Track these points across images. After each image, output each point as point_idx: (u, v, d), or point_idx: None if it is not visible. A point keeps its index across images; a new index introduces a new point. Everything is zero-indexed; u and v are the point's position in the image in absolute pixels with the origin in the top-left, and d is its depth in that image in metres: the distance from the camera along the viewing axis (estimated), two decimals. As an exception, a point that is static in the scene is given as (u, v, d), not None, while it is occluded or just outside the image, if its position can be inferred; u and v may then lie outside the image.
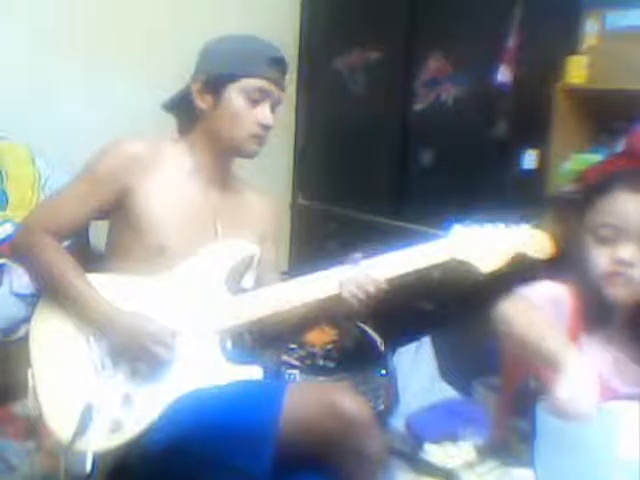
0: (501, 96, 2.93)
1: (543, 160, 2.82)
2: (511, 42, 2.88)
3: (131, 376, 1.71)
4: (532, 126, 2.83)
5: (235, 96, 1.81)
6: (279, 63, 1.85)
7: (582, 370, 1.41)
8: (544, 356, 1.47)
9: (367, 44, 3.49)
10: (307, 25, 3.76)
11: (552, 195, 2.74)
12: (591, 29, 2.72)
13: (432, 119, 3.27)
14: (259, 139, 1.84)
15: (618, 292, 1.62)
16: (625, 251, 1.59)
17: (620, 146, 2.69)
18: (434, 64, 3.23)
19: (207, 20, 3.27)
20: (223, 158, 1.88)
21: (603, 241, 1.61)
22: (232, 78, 1.80)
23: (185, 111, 1.89)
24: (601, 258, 1.61)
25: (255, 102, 1.81)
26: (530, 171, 2.87)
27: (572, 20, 2.76)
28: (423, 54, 3.27)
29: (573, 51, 2.74)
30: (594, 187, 1.64)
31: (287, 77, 1.90)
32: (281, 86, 1.86)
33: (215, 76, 1.81)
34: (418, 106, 3.32)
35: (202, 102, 1.83)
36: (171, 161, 1.84)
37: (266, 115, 1.82)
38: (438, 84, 3.23)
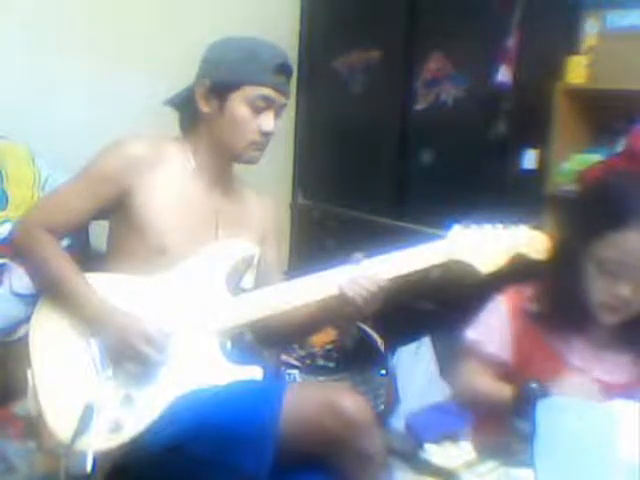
0: (501, 96, 2.93)
1: (543, 160, 2.82)
2: (511, 42, 2.88)
3: (131, 376, 1.71)
4: (532, 126, 2.83)
5: (238, 104, 1.79)
6: (284, 69, 1.82)
7: None
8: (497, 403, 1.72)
9: (367, 44, 3.49)
10: (307, 25, 3.76)
11: (552, 195, 2.74)
12: (591, 29, 2.72)
13: (432, 119, 3.27)
14: (260, 146, 1.84)
15: (610, 319, 1.66)
16: (626, 288, 1.61)
17: (620, 146, 2.69)
18: (434, 64, 3.23)
19: (207, 20, 3.28)
20: (224, 161, 1.88)
21: (605, 272, 1.62)
22: (236, 86, 1.79)
23: (188, 110, 1.88)
24: (600, 288, 1.64)
25: (259, 110, 1.80)
26: (530, 171, 2.87)
27: (572, 20, 2.76)
28: (423, 54, 3.27)
29: (573, 51, 2.74)
30: (606, 216, 1.62)
31: (291, 81, 1.88)
32: (286, 92, 1.84)
33: (219, 83, 1.80)
34: (418, 106, 3.32)
35: (205, 107, 1.82)
36: (172, 161, 1.84)
37: (269, 123, 1.81)
38: (438, 84, 3.23)
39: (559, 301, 1.70)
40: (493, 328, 1.79)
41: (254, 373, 1.76)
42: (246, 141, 1.81)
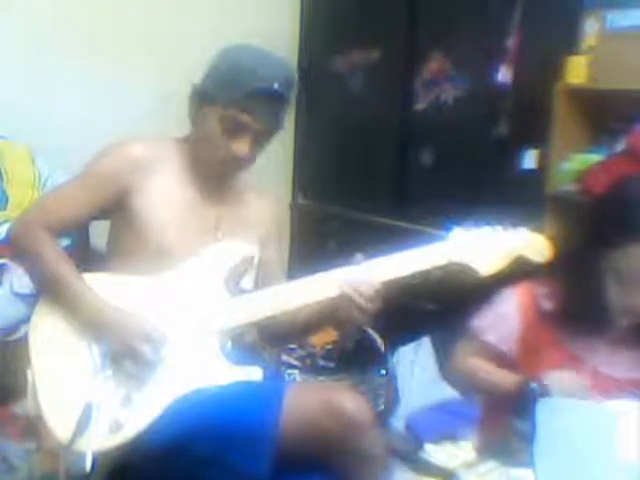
0: (501, 96, 2.93)
1: (543, 160, 2.82)
2: (511, 42, 2.88)
3: (131, 376, 1.71)
4: (532, 126, 2.83)
5: (211, 120, 1.73)
6: (268, 95, 1.69)
7: None
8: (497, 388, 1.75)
9: (367, 44, 3.49)
10: (307, 25, 3.76)
11: (552, 195, 2.74)
12: (591, 29, 2.72)
13: (432, 119, 3.27)
14: (236, 166, 1.80)
15: (625, 323, 1.66)
16: None
17: (620, 146, 2.69)
18: (434, 64, 3.24)
19: (207, 20, 3.28)
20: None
21: (621, 281, 1.62)
22: (209, 101, 1.72)
23: None
24: (617, 295, 1.64)
25: (231, 132, 1.72)
26: (530, 171, 2.88)
27: (572, 20, 2.76)
28: (423, 54, 3.27)
29: (573, 51, 2.74)
30: (621, 227, 1.61)
31: (283, 111, 1.74)
32: (265, 120, 1.71)
33: (198, 92, 1.76)
34: (418, 106, 3.32)
35: (191, 111, 1.79)
36: (172, 162, 1.83)
37: (242, 149, 1.73)
38: (438, 84, 3.23)
39: (574, 303, 1.70)
40: (498, 319, 1.80)
41: (254, 373, 1.76)
42: (217, 159, 1.77)
